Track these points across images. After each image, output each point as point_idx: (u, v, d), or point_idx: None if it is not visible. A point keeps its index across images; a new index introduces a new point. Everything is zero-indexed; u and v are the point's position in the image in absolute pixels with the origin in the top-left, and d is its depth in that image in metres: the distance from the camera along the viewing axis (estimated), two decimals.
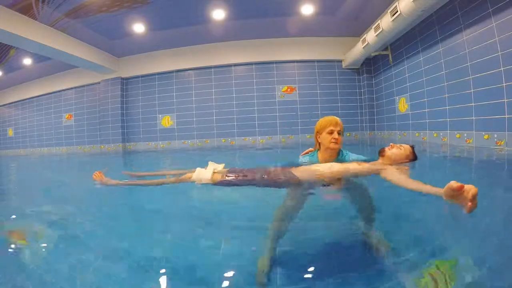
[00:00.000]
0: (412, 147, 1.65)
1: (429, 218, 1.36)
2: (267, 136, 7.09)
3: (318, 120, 1.85)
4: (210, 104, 7.28)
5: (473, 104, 3.81)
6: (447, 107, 4.36)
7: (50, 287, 0.93)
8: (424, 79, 4.91)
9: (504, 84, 3.30)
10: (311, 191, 1.47)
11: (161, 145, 7.54)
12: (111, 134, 7.63)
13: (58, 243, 1.27)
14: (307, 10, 5.49)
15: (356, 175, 1.48)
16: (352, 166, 1.50)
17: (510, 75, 3.22)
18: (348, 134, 6.97)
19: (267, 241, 1.15)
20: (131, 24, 5.73)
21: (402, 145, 1.63)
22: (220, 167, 1.62)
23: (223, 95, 7.22)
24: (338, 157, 1.77)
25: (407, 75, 5.46)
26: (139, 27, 5.90)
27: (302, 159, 1.92)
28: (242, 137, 7.15)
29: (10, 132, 9.64)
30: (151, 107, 7.60)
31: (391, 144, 1.63)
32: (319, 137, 1.78)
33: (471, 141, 3.87)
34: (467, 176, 2.29)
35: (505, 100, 3.30)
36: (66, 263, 1.07)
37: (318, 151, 1.83)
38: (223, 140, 7.22)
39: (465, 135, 3.99)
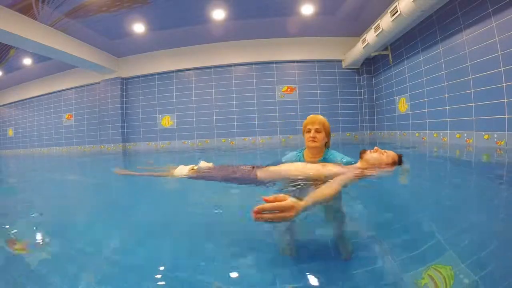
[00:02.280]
0: (400, 156, 1.55)
1: (428, 219, 1.36)
2: (267, 136, 7.09)
3: None
4: (210, 104, 7.29)
5: (473, 104, 3.81)
6: (447, 107, 4.35)
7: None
8: (424, 79, 4.91)
9: (504, 84, 3.30)
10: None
11: (161, 145, 7.54)
12: (111, 134, 7.63)
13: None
14: (307, 10, 5.49)
15: (316, 177, 1.41)
16: (313, 168, 1.49)
17: (510, 75, 3.22)
18: (348, 134, 6.97)
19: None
20: (131, 24, 5.73)
21: (387, 151, 1.54)
22: (209, 165, 1.84)
23: (223, 95, 7.22)
24: (325, 156, 1.77)
25: (407, 75, 5.46)
26: (139, 27, 5.90)
27: (285, 157, 1.94)
28: (242, 137, 7.15)
29: (10, 132, 9.64)
30: (151, 107, 7.60)
31: (375, 148, 1.56)
32: (303, 136, 1.83)
33: (471, 141, 3.87)
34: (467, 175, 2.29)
35: (505, 100, 3.30)
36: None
37: (304, 150, 1.87)
38: (223, 140, 7.22)
39: (465, 135, 3.99)
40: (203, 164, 1.85)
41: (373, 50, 5.79)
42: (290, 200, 0.71)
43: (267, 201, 0.70)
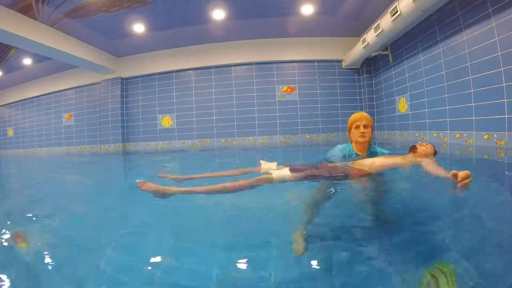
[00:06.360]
0: (434, 146, 2.08)
1: (430, 218, 1.36)
2: (267, 136, 7.09)
3: (348, 119, 2.20)
4: (210, 104, 7.28)
5: (473, 104, 3.81)
6: (447, 107, 4.36)
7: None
8: (424, 79, 4.92)
9: (504, 84, 3.30)
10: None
11: (161, 145, 7.54)
12: (111, 134, 7.63)
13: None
14: (307, 10, 5.49)
15: (402, 166, 1.78)
16: (397, 160, 1.78)
17: (510, 75, 3.22)
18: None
19: (299, 224, 1.23)
20: (131, 24, 5.73)
21: (427, 144, 2.05)
22: (273, 165, 1.66)
23: (223, 95, 7.22)
24: (371, 150, 2.03)
25: (407, 75, 5.46)
26: (139, 27, 5.90)
27: (331, 152, 2.11)
28: (242, 137, 7.15)
29: (10, 132, 9.64)
30: (151, 107, 7.60)
31: (419, 142, 2.07)
32: (350, 132, 2.08)
33: (471, 141, 3.87)
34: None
35: (505, 100, 3.30)
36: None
37: (352, 144, 2.09)
38: (223, 140, 7.22)
39: (465, 135, 3.99)
40: (264, 164, 1.67)
41: (373, 50, 5.79)
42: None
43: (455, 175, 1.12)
